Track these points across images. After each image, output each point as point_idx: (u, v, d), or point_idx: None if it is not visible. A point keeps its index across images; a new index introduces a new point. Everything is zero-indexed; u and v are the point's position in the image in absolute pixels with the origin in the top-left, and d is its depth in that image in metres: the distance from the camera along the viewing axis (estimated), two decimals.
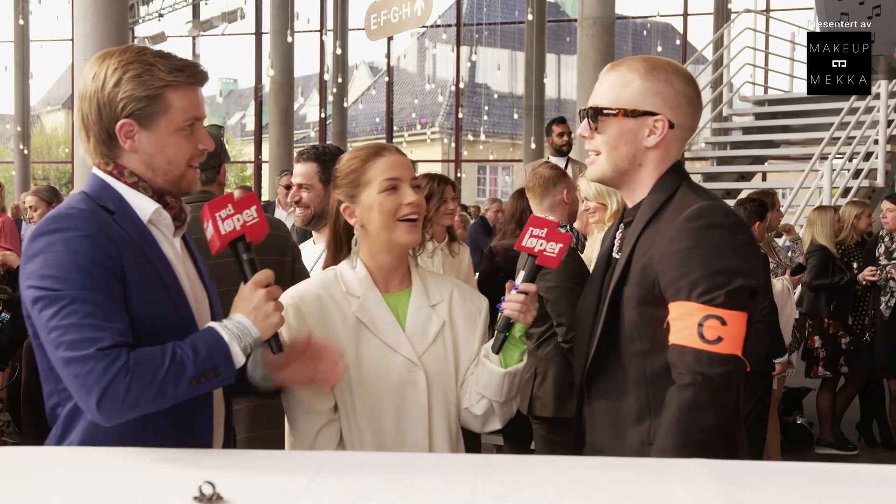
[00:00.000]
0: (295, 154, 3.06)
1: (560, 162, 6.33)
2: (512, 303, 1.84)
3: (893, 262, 5.48)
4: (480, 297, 2.09)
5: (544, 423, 3.39)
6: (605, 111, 1.76)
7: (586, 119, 1.79)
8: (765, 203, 4.93)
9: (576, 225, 3.75)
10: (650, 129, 1.75)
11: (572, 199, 3.60)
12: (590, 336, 1.81)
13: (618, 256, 1.82)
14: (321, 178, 2.87)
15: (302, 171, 2.93)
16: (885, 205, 5.63)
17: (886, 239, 5.59)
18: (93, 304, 1.51)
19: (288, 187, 5.67)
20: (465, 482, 1.37)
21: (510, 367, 1.90)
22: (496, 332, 1.88)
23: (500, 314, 1.87)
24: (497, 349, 1.88)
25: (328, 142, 20.52)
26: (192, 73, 1.69)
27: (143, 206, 1.67)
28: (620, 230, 1.87)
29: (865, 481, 1.40)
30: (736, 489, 1.32)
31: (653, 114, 1.74)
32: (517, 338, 1.89)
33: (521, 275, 1.88)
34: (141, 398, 1.49)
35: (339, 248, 2.00)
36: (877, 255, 5.60)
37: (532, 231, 1.86)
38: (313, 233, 3.03)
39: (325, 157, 2.89)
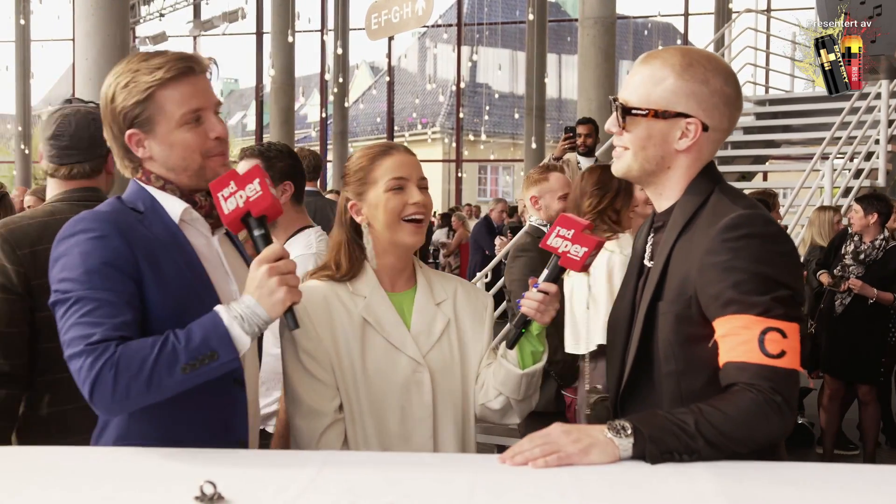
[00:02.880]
0: (238, 152, 2.98)
1: (587, 162, 6.37)
2: (530, 300, 1.81)
3: (853, 266, 5.44)
4: (486, 295, 2.09)
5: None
6: (633, 111, 1.64)
7: (615, 114, 1.67)
8: (769, 205, 4.97)
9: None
10: (682, 131, 1.63)
11: (544, 205, 3.64)
12: (624, 348, 1.71)
13: (650, 264, 1.71)
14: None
15: (245, 168, 2.91)
16: (854, 206, 5.57)
17: (857, 238, 5.54)
18: (95, 301, 1.52)
19: None
20: (465, 482, 1.37)
21: (527, 368, 1.89)
22: (512, 326, 1.86)
23: (517, 310, 1.85)
24: (511, 344, 1.86)
25: (329, 142, 20.55)
26: (171, 68, 1.65)
27: (173, 206, 1.71)
28: (651, 235, 1.76)
29: (866, 481, 1.40)
30: (736, 488, 1.32)
31: (686, 115, 1.62)
32: (535, 335, 1.87)
33: (544, 273, 1.83)
34: (132, 389, 1.47)
35: (351, 247, 1.96)
36: (843, 252, 5.55)
37: (559, 231, 1.80)
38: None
39: (269, 154, 2.87)
